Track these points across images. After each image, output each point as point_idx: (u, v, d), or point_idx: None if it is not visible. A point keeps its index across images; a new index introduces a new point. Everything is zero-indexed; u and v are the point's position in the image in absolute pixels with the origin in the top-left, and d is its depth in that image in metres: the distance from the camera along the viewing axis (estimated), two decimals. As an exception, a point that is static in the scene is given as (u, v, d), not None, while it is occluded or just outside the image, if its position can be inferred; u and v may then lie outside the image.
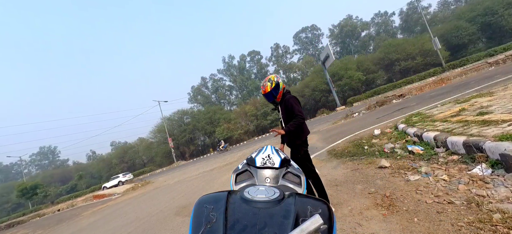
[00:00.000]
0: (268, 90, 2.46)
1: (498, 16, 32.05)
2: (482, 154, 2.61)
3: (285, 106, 2.50)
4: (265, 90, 2.48)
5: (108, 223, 6.87)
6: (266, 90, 2.47)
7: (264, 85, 2.49)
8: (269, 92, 2.46)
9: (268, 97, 2.51)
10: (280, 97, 2.53)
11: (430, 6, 54.20)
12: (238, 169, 1.10)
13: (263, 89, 2.49)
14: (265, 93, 2.49)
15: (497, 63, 19.80)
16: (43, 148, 71.33)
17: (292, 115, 2.46)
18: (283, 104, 2.51)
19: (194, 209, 0.75)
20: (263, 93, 2.51)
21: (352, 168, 3.99)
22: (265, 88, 2.47)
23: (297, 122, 2.41)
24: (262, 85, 2.51)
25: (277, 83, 2.46)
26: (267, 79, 2.49)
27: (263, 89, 2.49)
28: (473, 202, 1.98)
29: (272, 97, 2.50)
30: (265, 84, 2.48)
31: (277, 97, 2.52)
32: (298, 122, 2.41)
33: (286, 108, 2.49)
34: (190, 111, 44.95)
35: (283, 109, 2.52)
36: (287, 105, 2.49)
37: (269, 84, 2.46)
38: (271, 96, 2.50)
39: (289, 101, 2.48)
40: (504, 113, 3.42)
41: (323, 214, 0.67)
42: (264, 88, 2.48)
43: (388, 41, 38.15)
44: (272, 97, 2.50)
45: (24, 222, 20.62)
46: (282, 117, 2.52)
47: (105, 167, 47.26)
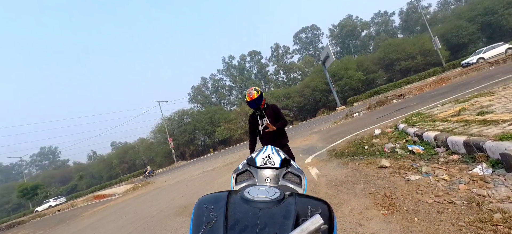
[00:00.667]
0: (255, 97, 2.72)
1: (498, 16, 32.03)
2: (482, 153, 2.61)
3: (273, 110, 2.91)
4: (252, 97, 2.71)
5: (109, 224, 6.88)
6: (253, 97, 2.72)
7: (250, 93, 2.73)
8: (256, 98, 2.72)
9: (253, 103, 2.76)
10: (264, 105, 2.89)
11: (430, 5, 54.35)
12: (238, 169, 1.10)
13: (250, 96, 2.72)
14: (252, 99, 2.72)
15: (497, 62, 19.79)
16: (44, 148, 71.47)
17: (278, 118, 2.91)
18: (270, 109, 2.90)
19: (195, 209, 0.75)
20: (250, 100, 2.72)
21: (353, 168, 3.99)
22: (252, 96, 2.71)
23: (284, 122, 2.86)
24: (247, 94, 2.75)
25: (261, 93, 2.79)
26: (252, 89, 2.77)
27: (250, 96, 2.72)
28: (474, 202, 1.97)
29: (255, 104, 2.77)
30: (251, 92, 2.74)
31: (261, 105, 2.85)
32: (285, 122, 2.87)
33: (274, 112, 2.91)
34: (190, 111, 44.98)
35: (270, 113, 2.88)
36: (274, 110, 2.92)
37: (255, 92, 2.73)
38: (255, 104, 2.77)
39: (276, 107, 2.95)
40: (505, 113, 3.41)
41: (323, 214, 0.67)
42: (251, 95, 2.72)
43: (388, 41, 38.15)
44: (255, 105, 2.78)
45: (25, 223, 20.64)
46: (270, 120, 2.87)
47: (105, 167, 47.33)
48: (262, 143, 2.99)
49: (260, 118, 2.89)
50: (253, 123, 2.99)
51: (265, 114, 2.87)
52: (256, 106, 2.80)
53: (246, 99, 2.77)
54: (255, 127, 2.96)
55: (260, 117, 2.89)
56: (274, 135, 2.87)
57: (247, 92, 2.78)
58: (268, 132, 2.84)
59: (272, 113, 2.90)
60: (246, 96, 2.75)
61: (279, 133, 2.90)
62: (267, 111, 2.89)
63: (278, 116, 2.94)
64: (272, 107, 2.93)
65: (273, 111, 2.92)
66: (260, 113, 2.87)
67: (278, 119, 2.92)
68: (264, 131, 2.87)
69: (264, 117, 2.87)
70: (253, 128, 3.00)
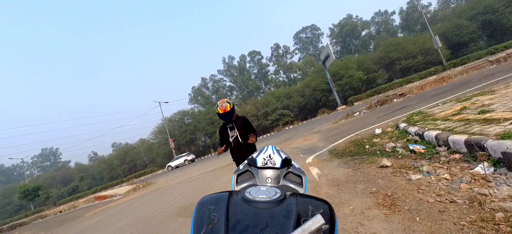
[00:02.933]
0: (227, 110, 2.77)
1: (499, 14, 31.90)
2: (484, 152, 2.60)
3: (244, 123, 3.01)
4: (224, 110, 2.76)
5: (110, 224, 6.89)
6: (225, 110, 2.77)
7: (222, 105, 2.78)
8: (229, 111, 2.78)
9: (225, 116, 2.80)
10: (234, 117, 2.97)
11: (430, 4, 53.95)
12: (239, 170, 1.10)
13: (222, 108, 2.76)
14: (224, 112, 2.76)
15: (498, 61, 19.74)
16: (45, 149, 71.62)
17: (249, 131, 3.02)
18: (241, 121, 2.99)
19: (196, 210, 0.75)
20: (222, 112, 2.76)
21: (354, 168, 3.99)
22: (224, 108, 2.77)
23: (256, 135, 2.93)
24: (220, 106, 2.78)
25: (233, 106, 2.87)
26: (224, 101, 2.81)
27: (222, 108, 2.76)
28: (475, 201, 1.97)
29: (227, 117, 2.82)
30: (223, 105, 2.78)
31: (233, 117, 2.92)
32: (256, 135, 2.94)
33: (245, 125, 3.01)
34: (191, 112, 44.99)
35: (241, 125, 2.97)
36: (245, 122, 3.02)
37: (228, 105, 2.79)
38: (227, 116, 2.81)
39: (246, 119, 3.05)
40: (506, 112, 3.40)
41: (324, 214, 0.67)
42: (224, 108, 2.77)
43: (388, 40, 38.06)
44: (227, 117, 2.82)
45: (26, 224, 20.69)
46: (239, 132, 2.94)
47: (106, 168, 47.37)
48: (232, 154, 3.08)
49: (230, 129, 2.96)
50: (224, 134, 3.03)
51: (235, 127, 2.94)
52: (228, 118, 2.86)
53: (218, 112, 2.79)
54: (226, 138, 3.01)
55: (231, 128, 2.96)
56: (244, 147, 2.94)
57: (219, 105, 2.80)
58: (239, 144, 2.94)
59: (242, 125, 2.98)
60: (218, 108, 2.78)
61: (249, 144, 2.95)
62: (238, 123, 2.97)
63: (248, 128, 3.03)
64: (242, 120, 3.02)
65: (244, 123, 3.00)
66: (231, 126, 2.95)
67: (249, 131, 3.00)
68: (234, 142, 2.95)
69: (234, 129, 2.95)
70: (223, 139, 3.05)
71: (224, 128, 3.02)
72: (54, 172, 60.07)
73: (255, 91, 53.40)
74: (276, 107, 36.21)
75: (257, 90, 53.83)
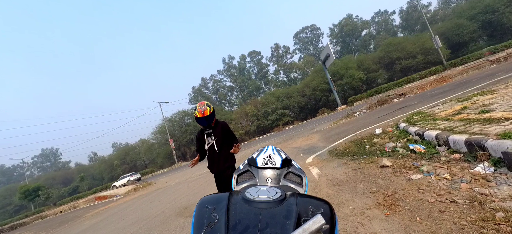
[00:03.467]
0: (207, 114, 2.51)
1: (499, 14, 31.89)
2: (484, 152, 2.60)
3: (223, 129, 2.70)
4: (203, 114, 2.50)
5: (110, 225, 6.89)
6: (205, 114, 2.50)
7: (201, 109, 2.51)
8: (208, 115, 2.52)
9: (205, 121, 2.53)
10: (214, 123, 2.68)
11: (430, 4, 53.95)
12: (239, 170, 1.10)
13: (201, 112, 2.50)
14: (203, 116, 2.50)
15: (498, 61, 19.73)
16: (45, 150, 71.68)
17: (229, 138, 2.72)
18: (220, 128, 2.69)
19: (196, 210, 0.75)
20: (201, 116, 2.50)
21: (354, 168, 3.98)
22: (203, 112, 2.50)
23: (237, 144, 2.67)
24: (198, 110, 2.51)
25: (214, 110, 2.59)
26: (204, 104, 2.54)
27: (201, 112, 2.50)
28: (476, 201, 1.97)
29: (206, 121, 2.55)
30: (203, 108, 2.51)
31: (212, 122, 2.63)
32: (237, 143, 2.69)
33: (224, 132, 2.70)
34: (191, 112, 45.01)
35: (220, 132, 2.67)
36: (224, 129, 2.71)
37: (208, 109, 2.52)
38: (206, 121, 2.54)
39: (227, 126, 2.76)
40: (506, 111, 3.40)
41: (325, 214, 0.67)
42: (203, 111, 2.50)
43: (388, 40, 38.03)
44: (206, 122, 2.55)
45: (27, 224, 20.71)
46: (216, 139, 2.63)
47: (106, 168, 47.40)
48: (209, 162, 2.74)
49: (207, 136, 2.65)
50: (200, 140, 2.72)
51: (213, 133, 2.65)
52: (206, 123, 2.57)
53: (195, 115, 2.52)
54: (202, 144, 2.70)
55: (208, 135, 2.65)
56: (220, 157, 2.64)
57: (198, 108, 2.51)
58: (214, 153, 2.63)
59: (221, 132, 2.69)
60: (197, 112, 2.50)
61: (226, 154, 2.67)
62: (217, 129, 2.68)
63: (228, 136, 2.73)
64: (222, 126, 2.72)
65: (223, 130, 2.71)
66: (209, 132, 2.64)
67: (228, 139, 2.72)
68: (210, 150, 2.65)
69: (212, 136, 2.64)
70: (200, 145, 2.73)
71: (202, 134, 2.71)
72: (54, 172, 60.08)
73: (255, 91, 53.40)
74: (276, 107, 36.21)
75: (257, 90, 53.83)
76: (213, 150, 2.65)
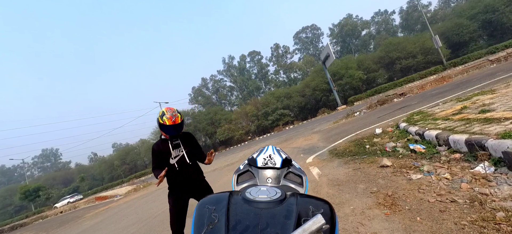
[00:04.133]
0: (179, 122, 2.21)
1: (499, 13, 31.86)
2: (484, 152, 2.59)
3: (191, 140, 2.42)
4: (175, 121, 2.18)
5: (111, 225, 6.89)
6: (176, 121, 2.19)
7: (173, 116, 2.18)
8: (180, 123, 2.22)
9: (173, 130, 2.21)
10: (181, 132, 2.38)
11: (430, 4, 53.88)
12: (239, 170, 1.10)
13: (172, 119, 2.16)
14: (174, 124, 2.17)
15: (498, 60, 19.72)
16: (45, 150, 71.73)
17: (197, 148, 2.45)
18: (188, 137, 2.41)
19: (196, 210, 0.75)
20: (171, 124, 2.16)
21: (354, 167, 3.98)
22: (175, 119, 2.18)
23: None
24: (169, 117, 2.17)
25: (183, 118, 2.30)
26: (174, 110, 2.24)
27: (172, 119, 2.16)
28: (476, 201, 1.96)
29: (175, 131, 2.22)
30: (175, 115, 2.20)
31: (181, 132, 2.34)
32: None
33: (192, 142, 2.42)
34: (191, 112, 45.05)
35: (188, 142, 2.38)
36: (192, 140, 2.44)
37: (179, 116, 2.23)
38: (175, 130, 2.22)
39: (193, 136, 2.48)
40: (507, 111, 3.40)
41: (325, 214, 0.67)
42: (175, 118, 2.18)
43: (388, 39, 38.04)
44: (175, 131, 2.22)
45: (27, 224, 20.72)
46: (187, 150, 2.33)
47: (107, 168, 47.43)
48: (171, 180, 2.35)
49: (174, 147, 2.28)
50: (163, 152, 2.27)
51: (182, 144, 2.31)
52: (176, 133, 2.24)
53: (164, 123, 2.15)
54: (165, 158, 2.26)
55: (175, 146, 2.28)
56: (190, 169, 2.35)
57: (168, 115, 2.17)
58: (185, 166, 2.30)
59: (189, 142, 2.39)
60: (166, 119, 2.15)
61: (196, 167, 2.43)
62: (185, 139, 2.37)
63: (196, 145, 2.45)
64: (190, 137, 2.44)
65: (191, 140, 2.42)
66: (177, 142, 2.29)
67: (196, 149, 2.45)
68: (180, 164, 2.29)
69: (180, 147, 2.30)
70: (161, 159, 2.27)
71: (164, 145, 2.28)
72: (54, 173, 60.13)
73: (255, 91, 53.41)
74: (276, 107, 36.22)
75: (257, 90, 53.84)
76: (184, 163, 2.31)
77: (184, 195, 2.35)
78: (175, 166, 2.27)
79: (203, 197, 1.40)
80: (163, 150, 2.27)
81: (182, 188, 2.35)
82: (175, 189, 2.36)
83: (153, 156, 2.30)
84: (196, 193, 2.40)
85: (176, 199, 2.33)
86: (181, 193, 2.35)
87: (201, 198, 1.99)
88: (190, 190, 2.37)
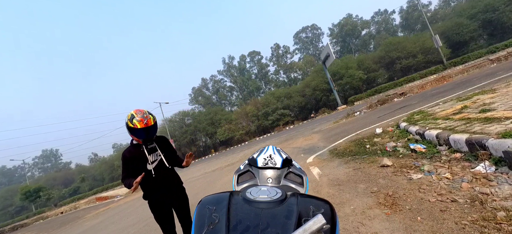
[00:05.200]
0: (151, 124, 2.04)
1: (499, 13, 31.83)
2: (485, 151, 2.59)
3: (167, 144, 2.29)
4: (147, 123, 2.01)
5: (111, 225, 6.90)
6: (149, 123, 2.02)
7: (144, 118, 2.01)
8: (153, 125, 2.05)
9: (146, 133, 2.04)
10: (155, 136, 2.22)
11: (430, 3, 53.86)
12: (239, 170, 1.10)
13: (144, 121, 2.00)
14: (146, 127, 2.01)
15: (499, 60, 19.70)
16: (46, 151, 71.75)
17: (172, 152, 2.33)
18: (164, 142, 2.27)
19: (197, 210, 0.75)
20: (144, 126, 1.99)
21: (354, 167, 3.98)
22: (148, 121, 2.02)
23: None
24: (140, 119, 1.99)
25: (156, 119, 2.13)
26: (144, 112, 2.07)
27: (144, 121, 2.00)
28: (477, 200, 1.96)
29: (148, 134, 2.06)
30: (146, 117, 2.03)
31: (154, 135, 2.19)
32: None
33: (168, 146, 2.28)
34: (191, 112, 45.08)
35: (165, 147, 2.24)
36: (168, 143, 2.30)
37: (151, 117, 2.06)
38: (147, 134, 2.05)
39: (166, 139, 2.33)
40: (507, 110, 3.39)
41: (325, 214, 0.67)
42: (147, 120, 2.02)
43: (388, 39, 38.03)
44: (147, 135, 2.05)
45: (28, 225, 20.75)
46: (165, 154, 2.20)
47: (107, 169, 47.46)
48: (147, 187, 2.16)
49: (150, 152, 2.11)
50: (136, 159, 2.07)
51: (159, 148, 2.16)
52: (149, 136, 2.07)
53: (134, 126, 1.97)
54: (141, 164, 2.07)
55: (151, 150, 2.12)
56: (170, 175, 2.21)
57: (138, 117, 2.00)
58: (162, 171, 2.15)
59: (166, 147, 2.25)
60: (136, 121, 1.98)
61: (174, 173, 2.29)
62: (161, 143, 2.22)
63: (172, 150, 2.32)
64: (165, 140, 2.30)
65: (167, 144, 2.28)
66: (153, 146, 2.13)
67: (173, 154, 2.32)
68: (157, 169, 2.12)
69: (157, 151, 2.14)
70: (135, 166, 2.07)
71: (137, 151, 2.08)
72: (55, 173, 60.18)
73: (255, 92, 53.41)
74: (276, 107, 36.22)
75: (257, 90, 53.83)
76: (163, 168, 2.15)
77: (166, 201, 2.19)
78: (152, 172, 2.08)
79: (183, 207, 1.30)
80: (136, 156, 2.07)
81: (163, 195, 2.17)
82: (155, 197, 2.16)
83: (124, 164, 2.08)
84: (176, 201, 2.24)
85: (159, 207, 2.17)
86: (162, 199, 2.17)
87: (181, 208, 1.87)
88: (171, 197, 2.21)
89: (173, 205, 2.24)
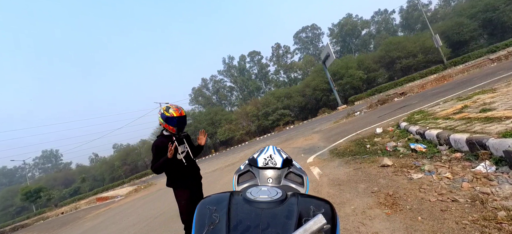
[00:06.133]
0: (184, 114, 2.26)
1: (499, 12, 31.78)
2: (485, 151, 2.59)
3: (190, 139, 2.47)
4: (181, 113, 2.23)
5: (111, 226, 6.90)
6: (183, 113, 2.25)
7: (179, 108, 2.25)
8: (185, 116, 2.27)
9: (180, 122, 2.24)
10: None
11: (430, 3, 53.80)
12: (240, 170, 1.10)
13: (179, 111, 2.22)
14: (181, 115, 2.22)
15: (499, 59, 19.67)
16: (46, 151, 71.81)
17: (194, 148, 2.51)
18: (187, 137, 2.45)
19: (197, 210, 0.75)
20: (180, 115, 2.21)
21: (355, 167, 3.98)
22: (181, 111, 2.24)
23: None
24: (175, 108, 2.22)
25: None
26: (176, 105, 2.31)
27: (179, 111, 2.22)
28: (477, 200, 1.96)
29: (182, 123, 2.27)
30: (180, 108, 2.26)
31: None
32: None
33: (191, 142, 2.45)
34: (191, 112, 45.05)
35: (189, 142, 2.44)
36: (190, 139, 2.49)
37: (183, 110, 2.28)
38: (182, 122, 2.26)
39: (190, 136, 2.51)
40: (507, 110, 3.39)
41: (326, 214, 0.67)
42: (181, 110, 2.24)
43: (388, 39, 37.99)
44: (182, 124, 2.27)
45: (28, 225, 20.77)
46: (190, 146, 2.42)
47: (107, 169, 47.47)
48: (181, 175, 2.34)
49: (180, 143, 2.31)
50: (164, 149, 2.20)
51: (185, 140, 2.39)
52: (182, 125, 2.29)
53: (172, 115, 2.17)
54: (172, 154, 2.16)
55: (181, 141, 2.32)
56: (194, 166, 2.43)
57: (174, 108, 2.22)
58: (191, 162, 2.37)
59: (189, 141, 2.47)
60: (173, 111, 2.18)
61: (196, 164, 2.50)
62: (187, 137, 2.45)
63: (194, 145, 2.51)
64: (187, 135, 2.50)
65: (189, 139, 2.50)
66: (180, 138, 2.33)
67: (194, 148, 2.50)
68: (186, 160, 2.32)
69: (184, 143, 2.37)
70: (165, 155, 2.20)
71: (168, 141, 2.21)
72: (55, 174, 60.21)
73: (256, 92, 53.39)
74: (276, 107, 36.21)
75: (258, 90, 53.82)
76: (190, 159, 2.36)
77: (193, 188, 2.43)
78: (183, 161, 2.29)
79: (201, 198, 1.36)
80: (165, 147, 2.20)
81: (191, 183, 2.41)
82: (183, 183, 2.36)
83: (156, 153, 2.21)
84: (197, 191, 2.47)
85: (185, 191, 2.36)
86: (190, 185, 2.40)
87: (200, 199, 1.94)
88: (195, 185, 2.46)
89: (193, 196, 2.41)
